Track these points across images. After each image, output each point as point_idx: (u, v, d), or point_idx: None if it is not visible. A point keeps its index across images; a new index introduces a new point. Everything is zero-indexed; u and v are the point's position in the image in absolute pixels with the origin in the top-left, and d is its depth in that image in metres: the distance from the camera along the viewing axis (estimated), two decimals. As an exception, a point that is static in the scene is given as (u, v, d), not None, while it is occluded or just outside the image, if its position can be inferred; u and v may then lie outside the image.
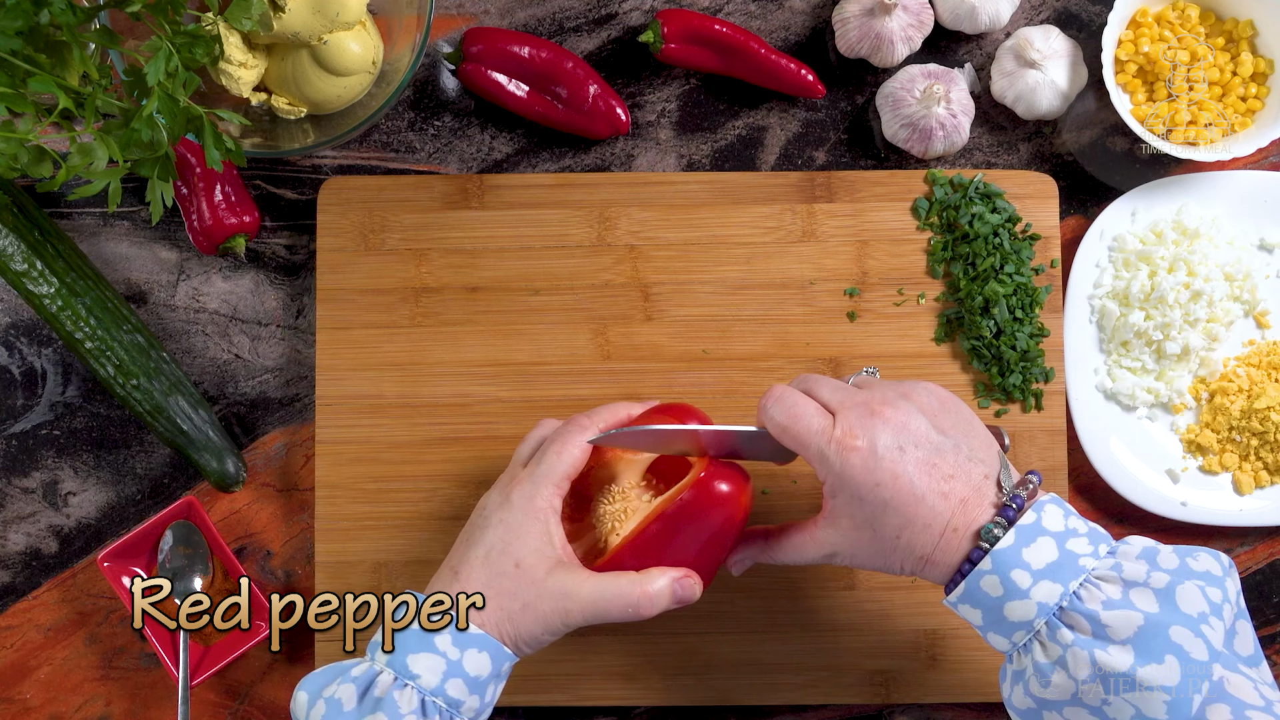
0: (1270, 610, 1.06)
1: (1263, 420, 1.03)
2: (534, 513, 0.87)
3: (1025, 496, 0.81)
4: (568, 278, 1.05)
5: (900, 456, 0.82)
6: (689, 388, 1.04)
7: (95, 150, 0.84)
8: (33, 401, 1.06)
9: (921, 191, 1.05)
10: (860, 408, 0.83)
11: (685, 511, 0.87)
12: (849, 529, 0.84)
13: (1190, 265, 1.03)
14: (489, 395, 1.04)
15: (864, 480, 0.81)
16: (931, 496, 0.81)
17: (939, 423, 0.84)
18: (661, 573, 0.86)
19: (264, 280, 1.07)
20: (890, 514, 0.82)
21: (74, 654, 1.06)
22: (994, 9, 1.04)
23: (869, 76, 1.08)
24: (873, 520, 0.82)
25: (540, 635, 0.86)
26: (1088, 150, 1.08)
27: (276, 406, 1.07)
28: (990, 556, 0.79)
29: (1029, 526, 0.80)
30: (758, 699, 1.03)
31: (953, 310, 1.04)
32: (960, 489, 0.82)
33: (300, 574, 1.06)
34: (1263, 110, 1.05)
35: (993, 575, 0.79)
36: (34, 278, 1.01)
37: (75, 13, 0.82)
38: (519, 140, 1.07)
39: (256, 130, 1.02)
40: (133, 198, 1.07)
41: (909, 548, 0.82)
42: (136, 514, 1.06)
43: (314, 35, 0.99)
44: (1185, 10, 1.05)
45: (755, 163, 1.07)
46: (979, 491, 0.82)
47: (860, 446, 0.82)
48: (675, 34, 1.04)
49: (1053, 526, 0.80)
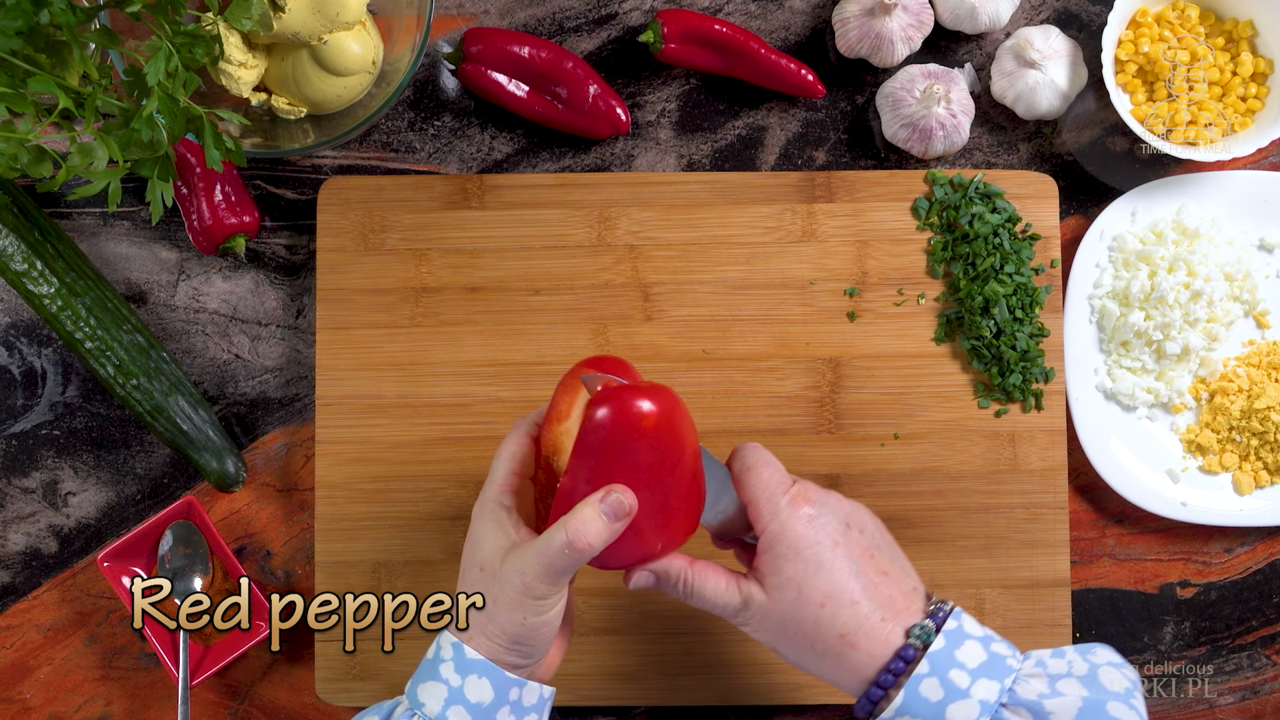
0: (1270, 610, 1.06)
1: (1263, 420, 1.03)
2: (486, 515, 0.85)
3: (947, 610, 0.83)
4: (568, 278, 1.05)
5: (845, 532, 0.84)
6: (689, 388, 1.04)
7: (95, 150, 0.84)
8: (33, 401, 1.07)
9: (921, 191, 1.05)
10: (821, 488, 0.86)
11: (605, 440, 0.79)
12: (773, 585, 0.83)
13: (1190, 265, 1.03)
14: (489, 395, 1.04)
15: (806, 535, 0.83)
16: (865, 578, 0.83)
17: (884, 536, 0.87)
18: (584, 502, 0.81)
19: (264, 280, 1.07)
20: (822, 577, 0.82)
21: (74, 654, 1.06)
22: (994, 9, 1.04)
23: (869, 76, 1.08)
24: (801, 580, 0.82)
25: (522, 627, 0.82)
26: (1088, 150, 1.08)
27: (276, 406, 1.07)
28: (926, 659, 0.80)
29: (954, 631, 0.81)
30: (758, 699, 1.03)
31: (953, 310, 1.04)
32: (891, 588, 0.83)
33: (300, 574, 1.06)
34: (1263, 110, 1.05)
35: (931, 678, 0.79)
36: (34, 278, 1.01)
37: (75, 13, 0.82)
38: (519, 140, 1.07)
39: (256, 130, 1.02)
40: (133, 198, 1.07)
41: (831, 621, 0.82)
42: (136, 514, 1.06)
43: (314, 35, 0.99)
44: (1185, 10, 1.05)
45: (755, 163, 1.07)
46: (908, 597, 0.83)
47: (811, 508, 0.84)
48: (675, 34, 1.04)
49: (974, 632, 0.82)
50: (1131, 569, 1.06)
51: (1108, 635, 1.06)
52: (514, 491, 0.86)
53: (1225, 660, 1.06)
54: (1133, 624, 1.06)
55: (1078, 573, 1.06)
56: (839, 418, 1.04)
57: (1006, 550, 1.03)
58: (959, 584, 1.03)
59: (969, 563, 1.03)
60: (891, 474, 1.04)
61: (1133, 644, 1.06)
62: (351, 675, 1.03)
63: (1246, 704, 1.06)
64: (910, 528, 1.03)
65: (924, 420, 1.04)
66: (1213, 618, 1.06)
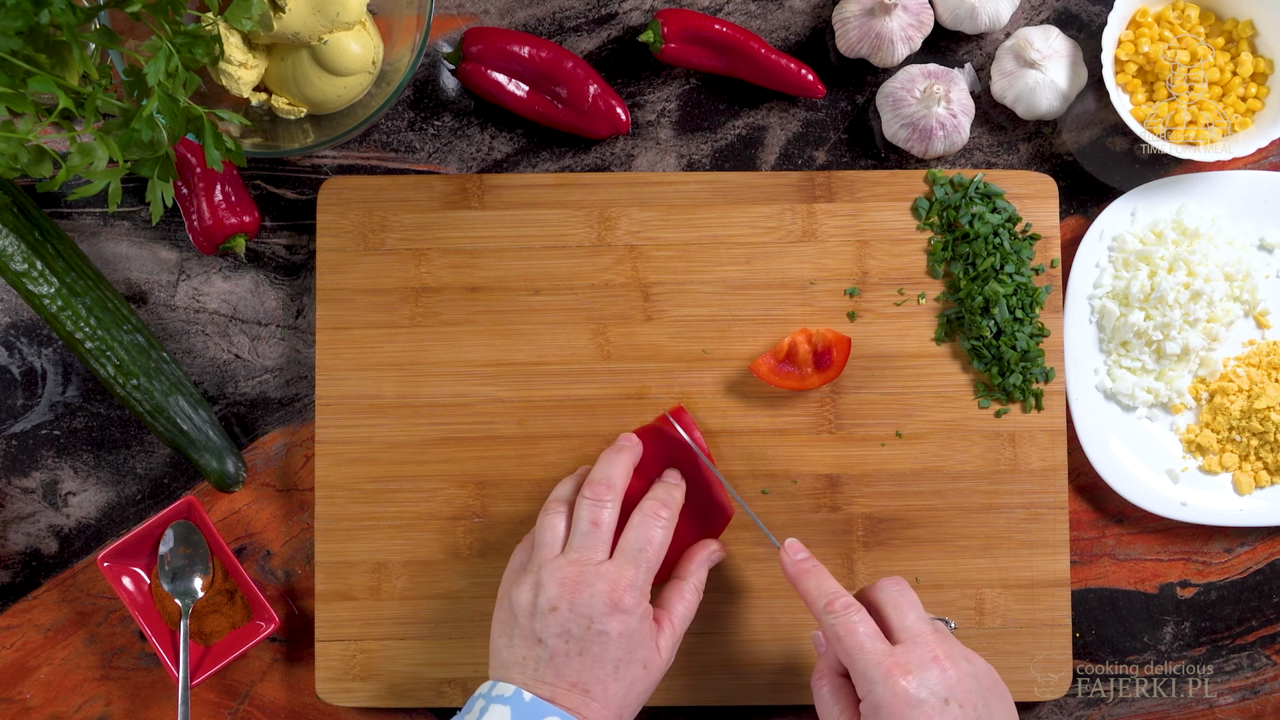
0: (1270, 610, 1.06)
1: (1263, 420, 1.03)
2: (646, 613, 0.89)
3: None
4: (568, 278, 1.05)
5: (942, 709, 0.83)
6: (689, 388, 1.04)
7: (95, 150, 0.84)
8: (33, 401, 1.06)
9: (921, 191, 1.05)
10: (924, 648, 0.85)
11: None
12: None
13: (1190, 265, 1.03)
14: (489, 395, 1.04)
15: (899, 713, 0.83)
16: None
17: (987, 697, 0.86)
18: (678, 584, 0.95)
19: (264, 280, 1.07)
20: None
21: (74, 654, 1.06)
22: (994, 9, 1.04)
23: (869, 76, 1.08)
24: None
25: None
26: (1088, 150, 1.08)
27: (276, 406, 1.07)
28: None
29: None
30: (758, 699, 1.03)
31: (953, 310, 1.04)
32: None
33: (300, 574, 1.06)
34: (1263, 110, 1.05)
35: None
36: (34, 278, 1.01)
37: (75, 13, 0.82)
38: (519, 140, 1.07)
39: (256, 130, 1.02)
40: (133, 198, 1.07)
41: None
42: (136, 514, 1.06)
43: (314, 35, 0.99)
44: (1185, 10, 1.05)
45: (755, 163, 1.07)
46: None
47: (909, 681, 0.83)
48: (675, 34, 1.04)
49: None
50: (1131, 569, 1.06)
51: (1108, 635, 1.06)
52: None
53: (1225, 660, 1.06)
54: (1133, 624, 1.06)
55: (1078, 573, 1.06)
56: (839, 418, 1.04)
57: (1006, 550, 1.03)
58: (959, 584, 1.03)
59: (969, 563, 1.03)
60: (891, 474, 1.04)
61: (1133, 644, 1.06)
62: (351, 675, 1.03)
63: (1246, 704, 1.06)
64: (910, 528, 1.03)
65: (924, 420, 1.04)
66: (1213, 618, 1.06)
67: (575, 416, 1.04)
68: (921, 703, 0.83)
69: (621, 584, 0.88)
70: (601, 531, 0.91)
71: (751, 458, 1.04)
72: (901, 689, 0.83)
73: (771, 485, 1.04)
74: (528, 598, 0.89)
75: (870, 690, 0.84)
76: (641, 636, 0.88)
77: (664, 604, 0.94)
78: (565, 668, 0.87)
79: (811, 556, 0.93)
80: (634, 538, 0.91)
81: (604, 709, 0.87)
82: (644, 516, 0.92)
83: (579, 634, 0.87)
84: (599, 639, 0.87)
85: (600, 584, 0.88)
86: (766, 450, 1.04)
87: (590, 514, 0.91)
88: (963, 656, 0.86)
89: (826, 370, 1.01)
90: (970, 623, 1.03)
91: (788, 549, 0.93)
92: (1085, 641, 1.06)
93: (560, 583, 0.88)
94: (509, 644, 0.89)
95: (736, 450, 1.03)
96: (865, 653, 0.85)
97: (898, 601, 0.89)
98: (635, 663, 0.88)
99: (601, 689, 0.87)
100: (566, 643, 0.87)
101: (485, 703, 0.86)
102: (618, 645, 0.87)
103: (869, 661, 0.85)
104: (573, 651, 0.87)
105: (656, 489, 0.95)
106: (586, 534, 0.90)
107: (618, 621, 0.87)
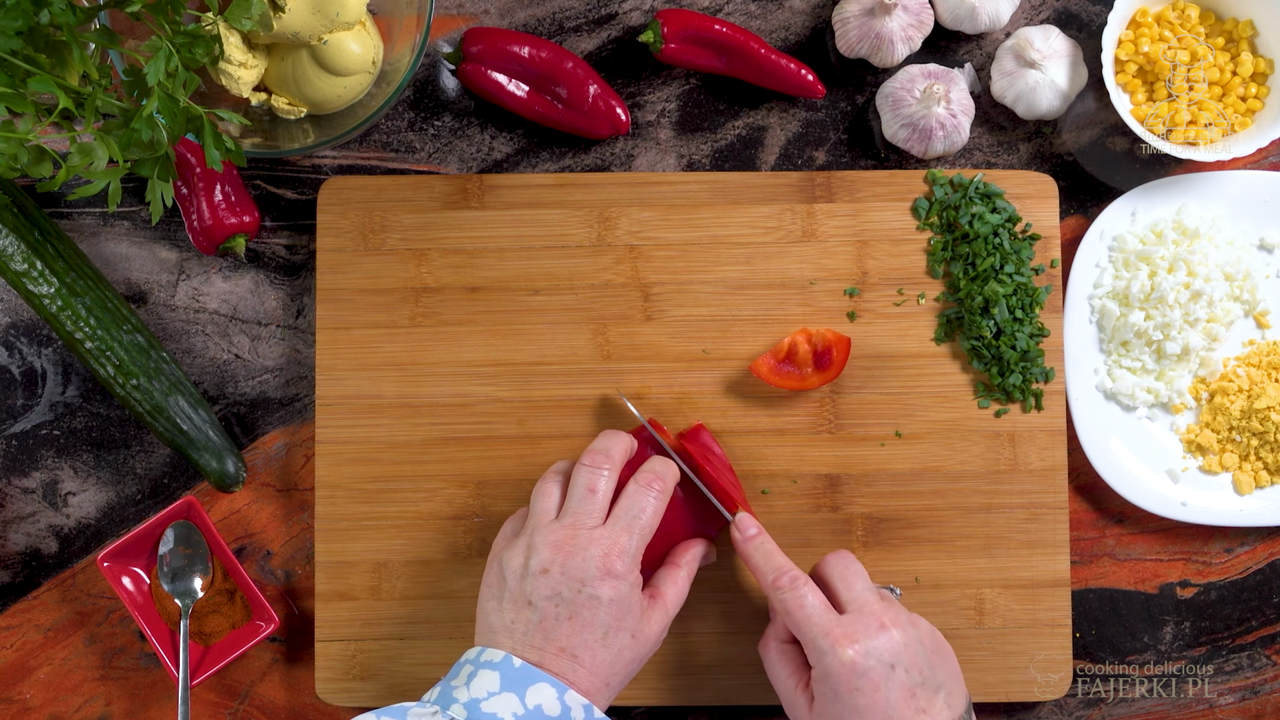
0: (1270, 610, 1.06)
1: (1263, 420, 1.03)
2: (636, 581, 0.90)
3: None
4: (568, 278, 1.05)
5: (888, 674, 0.86)
6: (689, 388, 1.04)
7: (95, 150, 0.84)
8: (33, 401, 1.06)
9: (921, 191, 1.05)
10: (870, 617, 0.88)
11: None
12: (816, 712, 0.88)
13: (1190, 265, 1.03)
14: (489, 395, 1.04)
15: (846, 682, 0.86)
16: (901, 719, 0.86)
17: (932, 660, 0.89)
18: (672, 569, 0.95)
19: (264, 280, 1.07)
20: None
21: (74, 654, 1.06)
22: (994, 9, 1.04)
23: (869, 76, 1.08)
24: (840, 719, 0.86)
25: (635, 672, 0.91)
26: (1088, 150, 1.08)
27: (276, 406, 1.07)
28: None
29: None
30: (757, 699, 1.03)
31: (953, 310, 1.04)
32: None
33: (300, 574, 1.06)
34: (1263, 110, 1.05)
35: None
36: (34, 278, 1.01)
37: (75, 13, 0.82)
38: (519, 140, 1.07)
39: (256, 130, 1.02)
40: (133, 198, 1.07)
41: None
42: (136, 514, 1.06)
43: (314, 35, 0.99)
44: (1185, 10, 1.05)
45: (755, 163, 1.07)
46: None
47: (855, 651, 0.86)
48: (675, 34, 1.04)
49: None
50: (1131, 569, 1.06)
51: (1108, 635, 1.06)
52: None
53: (1225, 660, 1.06)
54: (1133, 624, 1.06)
55: (1078, 573, 1.06)
56: (839, 418, 1.04)
57: (1006, 550, 1.03)
58: (959, 584, 1.03)
59: (969, 563, 1.03)
60: (891, 474, 1.04)
61: (1133, 644, 1.06)
62: (351, 675, 1.03)
63: (1246, 704, 1.06)
64: (910, 528, 1.03)
65: (924, 420, 1.04)
66: (1213, 618, 1.06)
67: (575, 416, 1.04)
68: (869, 670, 0.86)
69: (615, 549, 0.89)
70: (597, 498, 0.91)
71: (751, 457, 1.04)
72: (849, 658, 0.86)
73: (771, 485, 1.04)
74: (519, 560, 0.89)
75: (820, 660, 0.87)
76: (631, 604, 0.88)
77: (656, 585, 0.94)
78: (554, 632, 0.87)
79: (762, 531, 0.94)
80: (628, 505, 0.91)
81: (591, 675, 0.86)
82: (638, 486, 0.92)
83: (570, 597, 0.87)
84: (590, 603, 0.87)
85: (594, 549, 0.88)
86: (766, 450, 1.04)
87: (587, 480, 0.91)
88: (908, 621, 0.89)
89: (826, 370, 1.02)
90: (970, 623, 1.03)
91: (738, 524, 0.95)
92: (1085, 641, 1.06)
93: (553, 545, 0.89)
94: (498, 608, 0.89)
95: (736, 450, 1.04)
96: (813, 624, 0.88)
97: (844, 573, 0.91)
98: (624, 630, 0.88)
99: (590, 655, 0.87)
100: (557, 606, 0.87)
101: (473, 668, 0.86)
102: (608, 610, 0.87)
103: (817, 632, 0.87)
104: (562, 615, 0.87)
105: (651, 462, 0.95)
106: (582, 500, 0.91)
107: (609, 586, 0.88)
